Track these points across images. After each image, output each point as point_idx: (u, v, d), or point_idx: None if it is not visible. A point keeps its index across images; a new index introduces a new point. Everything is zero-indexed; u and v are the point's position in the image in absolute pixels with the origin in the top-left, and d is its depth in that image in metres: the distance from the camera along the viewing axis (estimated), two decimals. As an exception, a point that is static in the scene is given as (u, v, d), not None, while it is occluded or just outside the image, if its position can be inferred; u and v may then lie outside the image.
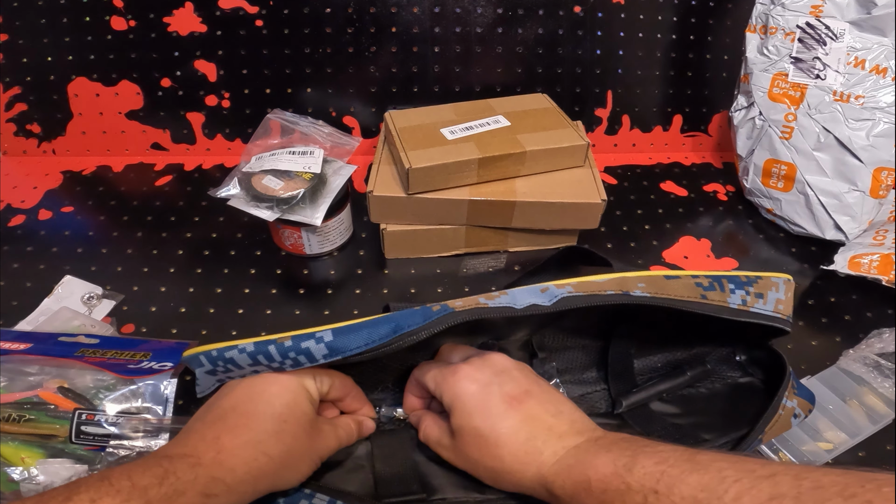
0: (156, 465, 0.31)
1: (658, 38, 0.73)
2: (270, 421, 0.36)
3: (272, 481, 0.35)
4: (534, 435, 0.36)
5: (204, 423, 0.35)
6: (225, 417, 0.35)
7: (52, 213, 0.67)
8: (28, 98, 0.72)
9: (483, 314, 0.37)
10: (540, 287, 0.40)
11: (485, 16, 0.70)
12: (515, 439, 0.36)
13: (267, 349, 0.36)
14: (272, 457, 0.35)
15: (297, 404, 0.37)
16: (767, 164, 0.65)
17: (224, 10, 0.69)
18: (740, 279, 0.42)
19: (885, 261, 0.57)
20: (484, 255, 0.63)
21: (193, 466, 0.32)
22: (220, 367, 0.37)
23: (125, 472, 0.30)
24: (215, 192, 0.57)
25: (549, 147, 0.58)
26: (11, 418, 0.41)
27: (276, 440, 0.35)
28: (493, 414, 0.36)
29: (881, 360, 0.50)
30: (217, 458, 0.33)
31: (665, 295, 0.39)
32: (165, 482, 0.30)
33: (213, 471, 0.32)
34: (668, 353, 0.50)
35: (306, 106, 0.74)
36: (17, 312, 0.55)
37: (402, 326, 0.36)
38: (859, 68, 0.59)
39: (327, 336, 0.36)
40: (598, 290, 0.39)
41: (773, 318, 0.41)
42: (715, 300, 0.40)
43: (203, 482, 0.31)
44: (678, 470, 0.30)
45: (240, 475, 0.33)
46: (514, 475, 0.36)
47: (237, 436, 0.34)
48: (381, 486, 0.41)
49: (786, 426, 0.42)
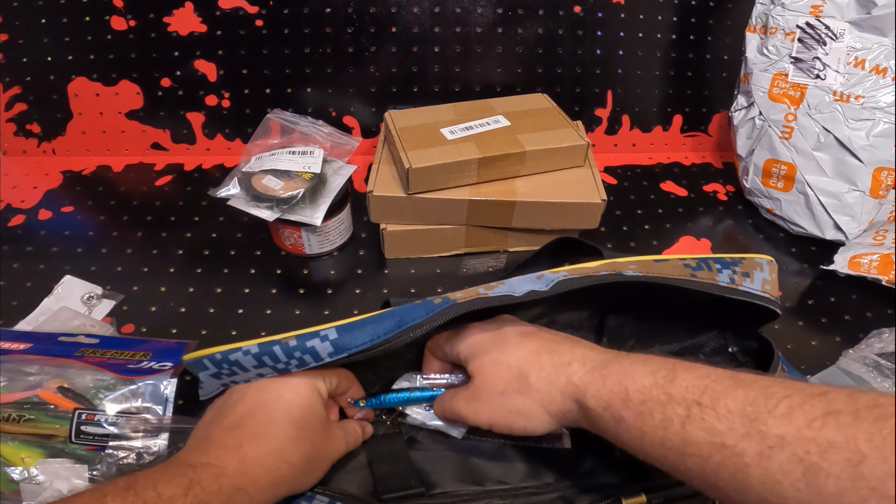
0: (180, 475, 0.31)
1: (658, 38, 0.73)
2: (290, 428, 0.35)
3: (291, 486, 0.36)
4: (556, 350, 0.35)
5: (222, 430, 0.35)
6: (243, 424, 0.35)
7: (52, 213, 0.67)
8: (28, 98, 0.72)
9: (484, 304, 0.37)
10: (535, 275, 0.40)
11: (485, 16, 0.70)
12: (538, 358, 0.36)
13: (272, 350, 0.36)
14: (292, 464, 0.35)
15: (312, 409, 0.37)
16: (767, 164, 0.65)
17: (224, 10, 0.69)
18: (725, 260, 0.43)
19: (884, 261, 0.57)
20: (484, 255, 0.63)
21: (217, 477, 0.31)
22: (224, 370, 0.37)
23: (150, 482, 0.30)
24: (215, 192, 0.57)
25: (549, 147, 0.58)
26: (11, 418, 0.41)
27: (295, 447, 0.35)
28: (510, 343, 0.37)
29: (881, 360, 0.50)
30: (241, 468, 0.33)
31: (656, 273, 0.40)
32: (190, 493, 0.30)
33: (237, 481, 0.32)
34: (662, 347, 0.51)
35: (306, 106, 0.74)
36: (17, 312, 0.55)
37: (406, 321, 0.37)
38: (859, 68, 0.59)
39: (332, 334, 0.36)
40: (591, 272, 0.40)
41: (762, 297, 0.42)
42: (704, 279, 0.41)
43: (227, 493, 0.31)
44: (722, 385, 0.29)
45: (262, 484, 0.33)
46: (542, 395, 0.35)
47: (259, 444, 0.34)
48: (380, 485, 0.41)
49: None
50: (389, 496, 0.40)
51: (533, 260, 0.54)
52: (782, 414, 0.26)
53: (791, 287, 0.61)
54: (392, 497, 0.40)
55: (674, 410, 0.29)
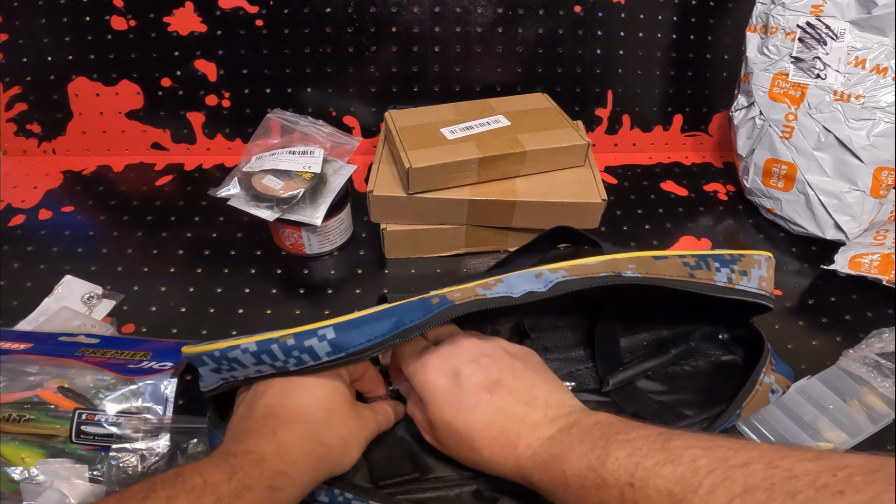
0: (223, 461, 0.32)
1: (658, 38, 0.73)
2: (319, 410, 0.37)
3: (330, 468, 0.36)
4: (506, 428, 0.36)
5: (256, 422, 0.36)
6: (275, 413, 0.36)
7: (52, 213, 0.67)
8: (28, 98, 0.72)
9: (482, 306, 0.37)
10: (534, 272, 0.40)
11: (485, 15, 0.70)
12: (488, 433, 0.36)
13: (270, 348, 0.36)
14: (329, 446, 0.36)
15: (338, 390, 0.38)
16: (768, 163, 0.65)
17: (224, 10, 0.69)
18: (724, 257, 0.43)
19: (885, 260, 0.57)
20: (484, 254, 0.63)
21: (258, 462, 0.33)
22: (224, 366, 0.38)
23: (196, 470, 0.31)
24: (215, 192, 0.57)
25: (550, 147, 0.58)
26: (11, 418, 0.41)
27: (327, 428, 0.36)
28: (463, 408, 0.36)
29: (881, 359, 0.50)
30: (278, 452, 0.34)
31: (655, 275, 0.40)
32: (234, 478, 0.31)
33: (277, 465, 0.33)
34: (653, 332, 0.52)
35: (306, 106, 0.74)
36: (17, 312, 0.55)
37: (404, 321, 0.37)
38: (860, 68, 0.59)
39: (329, 333, 0.36)
40: (590, 272, 0.40)
41: (757, 294, 0.42)
42: (702, 278, 0.41)
43: (269, 476, 0.32)
44: (652, 461, 0.30)
45: (302, 467, 0.34)
46: (494, 466, 0.36)
47: (293, 429, 0.35)
48: (375, 471, 0.42)
49: (763, 402, 0.43)
50: (385, 482, 0.41)
51: (531, 246, 0.54)
52: (706, 493, 0.27)
53: (791, 287, 0.61)
54: (387, 484, 0.41)
55: (609, 493, 0.31)
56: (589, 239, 0.50)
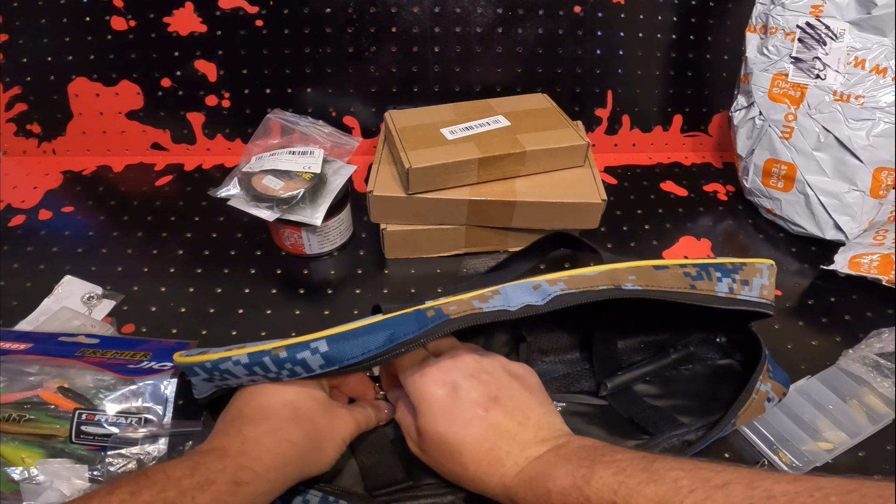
0: (187, 459, 0.33)
1: (658, 38, 0.73)
2: (285, 409, 0.37)
3: (300, 467, 0.37)
4: (497, 445, 0.36)
5: (225, 423, 0.37)
6: (242, 414, 0.37)
7: (52, 213, 0.67)
8: (28, 98, 0.72)
9: (479, 320, 0.37)
10: (532, 284, 0.40)
11: (485, 16, 0.70)
12: (478, 448, 0.36)
13: (262, 360, 0.36)
14: (295, 442, 0.36)
15: (306, 390, 0.38)
16: (767, 163, 0.65)
17: (224, 10, 0.69)
18: (726, 266, 0.43)
19: (885, 261, 0.57)
20: (484, 255, 0.63)
21: (221, 457, 0.34)
22: (216, 376, 0.38)
23: (160, 467, 0.32)
24: (215, 192, 0.57)
25: (549, 147, 0.58)
26: (11, 418, 0.41)
27: (294, 426, 0.37)
28: (457, 421, 0.36)
29: (881, 360, 0.50)
30: (242, 448, 0.35)
31: (655, 286, 0.40)
32: (197, 472, 0.32)
33: (241, 460, 0.34)
34: (651, 335, 0.51)
35: (306, 106, 0.74)
36: (17, 312, 0.55)
37: (398, 335, 0.36)
38: (859, 68, 0.59)
39: (322, 346, 0.36)
40: (589, 284, 0.39)
41: (758, 303, 0.42)
42: (703, 290, 0.41)
43: (232, 470, 0.33)
44: (635, 480, 0.30)
45: (267, 463, 0.34)
46: (478, 482, 0.36)
47: (257, 426, 0.36)
48: (368, 479, 0.42)
49: (759, 410, 0.43)
50: (380, 492, 0.40)
51: (528, 251, 0.54)
52: None
53: (791, 287, 0.61)
54: (381, 493, 0.41)
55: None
56: (587, 246, 0.50)
